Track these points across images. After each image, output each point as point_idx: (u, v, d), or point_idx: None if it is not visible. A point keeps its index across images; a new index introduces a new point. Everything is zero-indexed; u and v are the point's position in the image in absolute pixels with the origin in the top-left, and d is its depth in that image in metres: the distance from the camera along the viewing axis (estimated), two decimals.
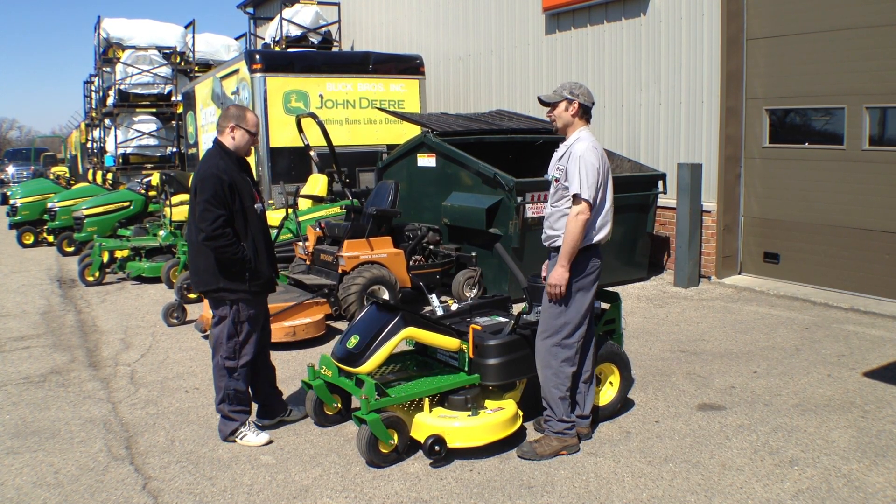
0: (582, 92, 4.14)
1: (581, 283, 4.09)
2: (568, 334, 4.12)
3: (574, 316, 4.10)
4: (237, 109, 4.42)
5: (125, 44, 18.25)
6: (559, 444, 4.15)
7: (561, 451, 4.15)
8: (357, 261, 7.11)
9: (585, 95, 4.16)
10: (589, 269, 4.11)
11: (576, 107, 4.12)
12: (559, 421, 4.16)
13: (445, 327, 4.42)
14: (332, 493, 3.81)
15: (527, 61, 11.50)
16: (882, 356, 5.80)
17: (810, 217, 8.06)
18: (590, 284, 4.13)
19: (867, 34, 7.36)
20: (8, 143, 58.47)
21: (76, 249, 11.88)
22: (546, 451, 4.13)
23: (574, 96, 4.12)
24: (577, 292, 4.09)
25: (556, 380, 4.14)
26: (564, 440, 4.16)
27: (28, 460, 4.26)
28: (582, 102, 4.13)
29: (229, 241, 4.17)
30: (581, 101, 4.12)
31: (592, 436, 4.40)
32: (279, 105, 11.07)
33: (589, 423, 4.38)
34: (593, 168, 3.98)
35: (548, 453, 4.12)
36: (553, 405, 4.17)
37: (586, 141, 4.09)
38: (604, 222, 4.14)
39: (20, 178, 26.45)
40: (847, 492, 3.70)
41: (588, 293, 4.13)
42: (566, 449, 4.16)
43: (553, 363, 4.14)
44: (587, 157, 4.00)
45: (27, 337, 7.00)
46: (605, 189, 4.10)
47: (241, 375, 4.38)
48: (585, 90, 4.17)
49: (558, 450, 4.15)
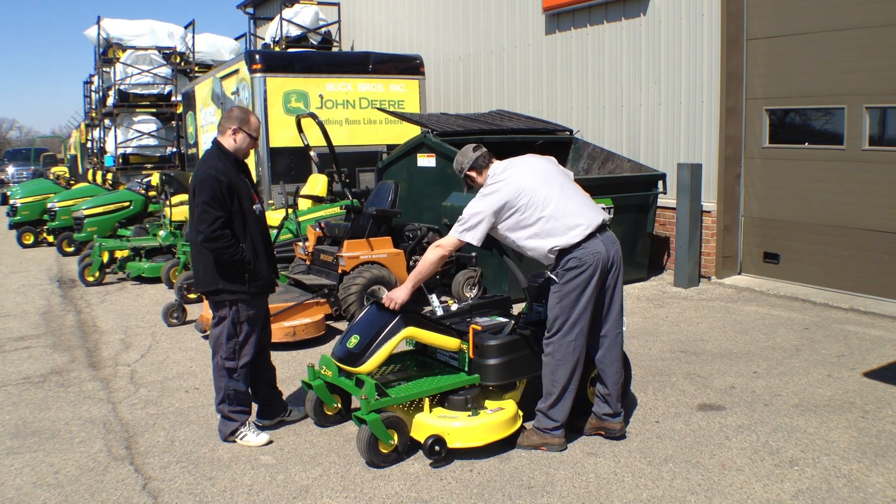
0: (462, 161, 4.37)
1: (560, 290, 4.15)
2: (557, 331, 4.16)
3: (563, 314, 4.13)
4: (241, 112, 4.41)
5: (125, 44, 18.26)
6: (539, 440, 4.23)
7: (540, 447, 4.21)
8: (357, 261, 7.11)
9: (464, 161, 4.37)
10: (565, 278, 4.14)
11: (472, 174, 4.36)
12: (546, 417, 4.22)
13: (446, 327, 4.42)
14: (332, 493, 3.81)
15: (527, 61, 11.50)
16: (882, 356, 5.80)
17: (810, 217, 8.06)
18: (571, 290, 4.12)
19: (867, 34, 7.37)
20: (8, 143, 58.44)
21: (76, 249, 11.89)
22: (524, 442, 4.24)
23: (461, 172, 4.39)
24: (560, 297, 4.14)
25: (551, 377, 4.19)
26: (545, 437, 4.22)
27: (28, 460, 4.27)
28: (469, 168, 4.35)
29: (228, 243, 4.18)
30: (468, 167, 4.35)
31: (626, 434, 4.39)
32: (279, 105, 11.07)
33: (620, 419, 4.37)
34: (471, 207, 4.18)
35: (525, 445, 4.23)
36: (545, 400, 4.22)
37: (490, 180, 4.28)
38: (542, 230, 4.15)
39: (20, 178, 26.47)
40: (847, 492, 3.70)
41: (570, 296, 4.12)
42: (546, 446, 4.22)
43: (547, 360, 4.21)
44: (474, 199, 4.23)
45: (27, 337, 7.00)
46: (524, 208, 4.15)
47: (240, 376, 4.38)
48: (459, 157, 4.39)
49: (538, 445, 4.22)
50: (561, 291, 4.13)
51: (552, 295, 4.18)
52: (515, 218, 4.14)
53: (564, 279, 4.12)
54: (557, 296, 4.14)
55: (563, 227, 4.10)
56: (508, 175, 4.20)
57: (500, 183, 4.18)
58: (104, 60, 18.74)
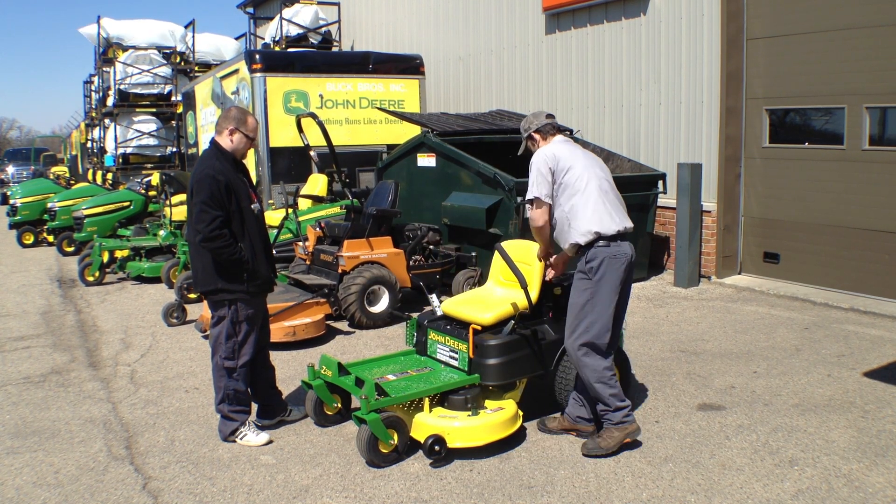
0: (529, 122, 4.42)
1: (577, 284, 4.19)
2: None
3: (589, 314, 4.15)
4: (238, 112, 4.41)
5: (125, 43, 18.26)
6: (620, 434, 4.15)
7: (625, 440, 4.16)
8: (357, 261, 7.11)
9: (533, 122, 4.40)
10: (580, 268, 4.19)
11: (536, 137, 4.39)
12: (615, 410, 4.14)
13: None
14: (332, 493, 3.81)
15: (527, 61, 11.50)
16: (882, 356, 5.80)
17: (810, 217, 8.06)
18: (587, 285, 4.14)
19: (867, 34, 7.36)
20: (8, 143, 58.46)
21: (76, 249, 11.89)
22: (611, 443, 4.13)
23: (526, 131, 4.42)
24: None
25: (595, 375, 4.12)
26: (625, 428, 4.15)
27: (28, 460, 4.27)
28: (535, 130, 4.38)
29: (226, 242, 4.17)
30: (533, 129, 4.39)
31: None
32: (279, 105, 11.07)
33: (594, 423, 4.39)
34: (535, 168, 4.21)
35: (613, 445, 4.13)
36: (602, 399, 4.14)
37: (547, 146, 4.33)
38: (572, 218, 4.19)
39: (20, 178, 26.47)
40: (847, 492, 3.70)
41: (585, 292, 4.14)
42: (629, 436, 4.17)
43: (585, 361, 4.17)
44: (538, 159, 4.24)
45: (27, 337, 7.00)
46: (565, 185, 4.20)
47: (240, 375, 4.38)
48: (531, 117, 4.43)
49: (621, 440, 4.15)
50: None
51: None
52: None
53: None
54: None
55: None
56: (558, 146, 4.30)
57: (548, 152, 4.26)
58: (104, 60, 18.74)
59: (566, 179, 4.16)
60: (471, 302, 4.76)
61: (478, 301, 4.74)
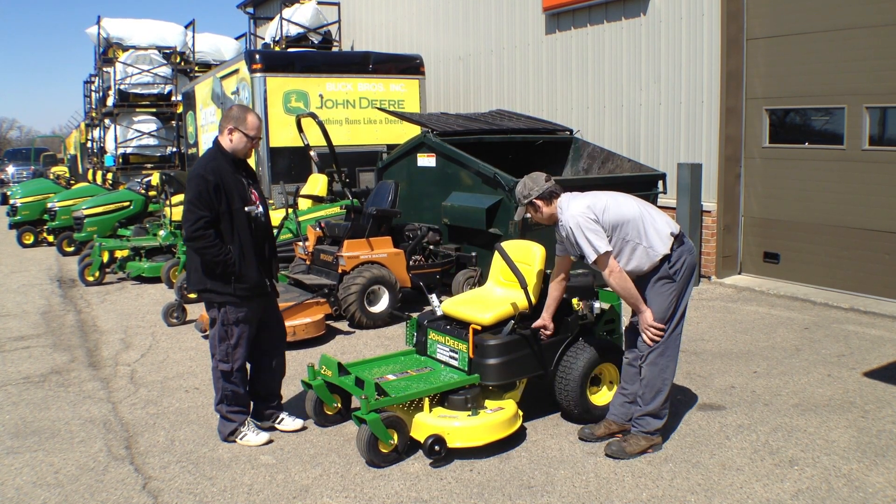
0: (529, 188, 4.17)
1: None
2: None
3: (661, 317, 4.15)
4: (239, 111, 4.33)
5: (125, 44, 18.26)
6: (647, 443, 4.17)
7: (648, 449, 4.17)
8: (357, 261, 7.11)
9: (534, 187, 4.17)
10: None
11: (539, 203, 4.17)
12: (655, 418, 4.16)
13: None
14: (332, 493, 3.81)
15: (527, 61, 11.50)
16: (882, 356, 5.80)
17: (810, 217, 8.06)
18: (671, 288, 4.14)
19: (867, 34, 7.36)
20: (8, 143, 58.46)
21: (76, 249, 11.88)
22: (635, 449, 4.14)
23: (527, 198, 4.17)
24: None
25: (666, 376, 4.16)
26: (652, 439, 4.18)
27: (28, 460, 4.26)
28: (536, 196, 4.16)
29: (210, 243, 4.11)
30: (535, 195, 4.15)
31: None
32: (279, 105, 11.08)
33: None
34: (579, 231, 4.02)
35: (636, 451, 4.14)
36: (657, 402, 4.16)
37: (567, 207, 4.14)
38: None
39: (20, 178, 26.46)
40: (847, 492, 3.70)
41: (671, 295, 4.14)
42: (653, 447, 4.19)
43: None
44: (579, 220, 4.04)
45: (27, 337, 7.00)
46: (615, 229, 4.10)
47: (236, 378, 4.34)
48: (528, 183, 4.19)
49: (645, 448, 4.17)
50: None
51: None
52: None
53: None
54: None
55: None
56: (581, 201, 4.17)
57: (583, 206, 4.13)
58: (104, 60, 18.74)
59: (612, 219, 4.08)
60: (471, 302, 4.76)
61: (478, 301, 4.74)
